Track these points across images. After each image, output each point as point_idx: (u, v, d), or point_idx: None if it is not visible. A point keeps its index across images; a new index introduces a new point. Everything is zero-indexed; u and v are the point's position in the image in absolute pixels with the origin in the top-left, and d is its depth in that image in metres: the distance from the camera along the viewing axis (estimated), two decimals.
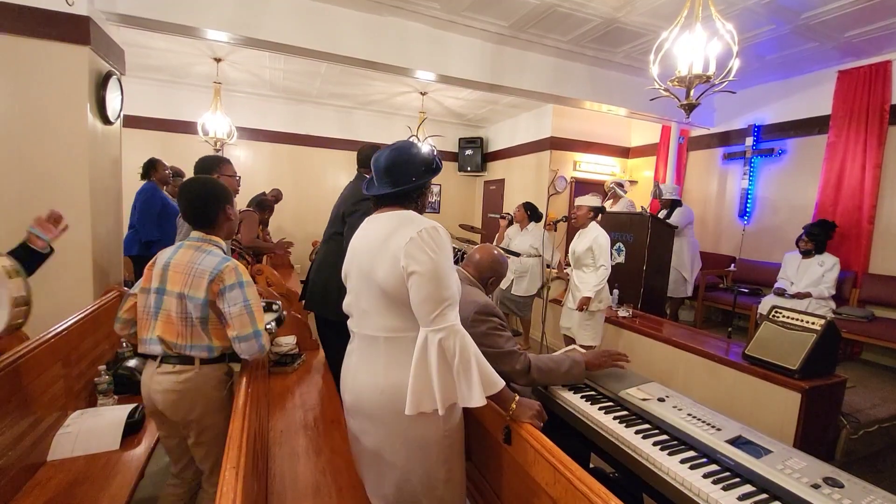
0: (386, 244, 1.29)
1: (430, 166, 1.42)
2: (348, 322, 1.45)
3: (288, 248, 4.57)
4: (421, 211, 1.43)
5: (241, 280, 1.59)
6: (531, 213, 4.75)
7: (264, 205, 5.11)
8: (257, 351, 1.60)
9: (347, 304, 1.44)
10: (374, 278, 1.30)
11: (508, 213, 4.97)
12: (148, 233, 3.98)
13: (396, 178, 1.37)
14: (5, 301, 1.44)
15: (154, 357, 1.61)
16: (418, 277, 1.21)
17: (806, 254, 4.11)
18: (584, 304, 3.39)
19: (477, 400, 1.22)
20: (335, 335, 2.63)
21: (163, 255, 1.67)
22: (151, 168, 4.16)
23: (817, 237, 4.05)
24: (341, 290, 2.53)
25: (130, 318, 1.71)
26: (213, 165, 2.41)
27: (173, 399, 1.58)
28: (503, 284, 4.86)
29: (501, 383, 1.30)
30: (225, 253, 1.69)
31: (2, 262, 1.47)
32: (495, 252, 1.94)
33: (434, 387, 1.20)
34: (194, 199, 1.68)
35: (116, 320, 1.72)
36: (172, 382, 1.58)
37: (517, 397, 1.39)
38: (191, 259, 1.59)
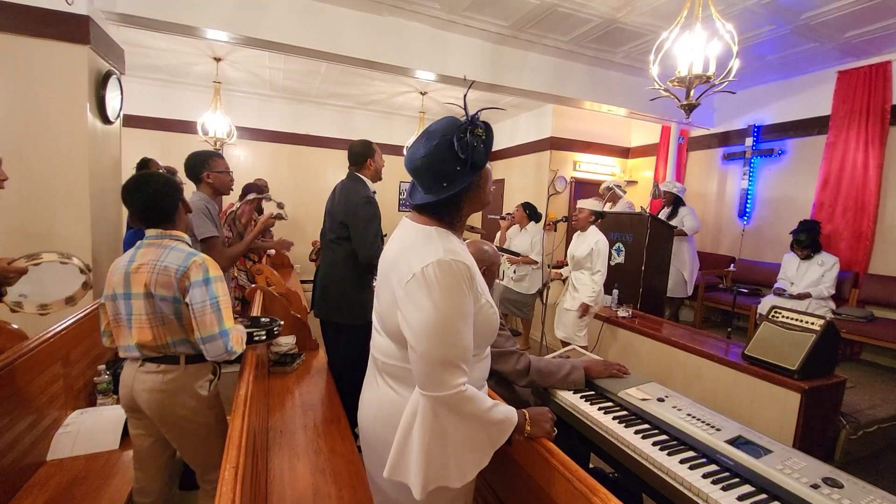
0: (392, 268, 1.09)
1: (465, 165, 1.04)
2: None
3: (279, 249, 3.62)
4: (456, 224, 1.13)
5: (207, 276, 1.48)
6: (530, 212, 4.75)
7: (261, 190, 4.61)
8: (224, 353, 1.47)
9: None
10: (379, 298, 1.17)
11: (510, 214, 4.97)
12: None
13: (426, 183, 1.08)
14: (79, 287, 1.93)
15: (136, 357, 1.54)
16: (412, 332, 0.99)
17: (805, 257, 4.11)
18: (584, 311, 3.45)
19: (469, 476, 1.06)
20: (337, 337, 2.62)
21: (120, 263, 1.54)
22: (145, 168, 4.13)
23: (806, 242, 4.02)
24: (344, 294, 2.51)
25: None
26: (204, 161, 2.36)
27: (159, 399, 1.51)
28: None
29: (513, 422, 1.13)
30: (190, 246, 1.60)
31: (77, 261, 1.89)
32: (477, 242, 1.92)
33: (412, 464, 1.01)
34: (152, 197, 1.54)
35: (103, 335, 1.65)
36: (158, 382, 1.51)
37: (528, 417, 1.23)
38: (153, 257, 1.50)
